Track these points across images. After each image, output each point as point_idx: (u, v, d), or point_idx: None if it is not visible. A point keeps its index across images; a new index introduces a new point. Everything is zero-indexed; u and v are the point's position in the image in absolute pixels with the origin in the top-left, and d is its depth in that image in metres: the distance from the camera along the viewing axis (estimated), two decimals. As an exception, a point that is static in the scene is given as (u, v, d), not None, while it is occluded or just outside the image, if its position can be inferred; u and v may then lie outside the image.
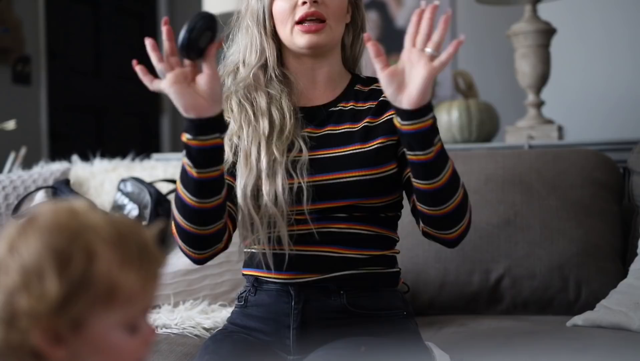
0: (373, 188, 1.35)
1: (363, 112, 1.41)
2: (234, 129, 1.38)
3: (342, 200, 1.34)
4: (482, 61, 3.98)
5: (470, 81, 2.56)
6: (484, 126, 2.45)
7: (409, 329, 1.38)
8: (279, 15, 1.39)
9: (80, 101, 4.30)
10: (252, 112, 1.38)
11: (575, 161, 1.95)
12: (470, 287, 1.86)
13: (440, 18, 1.22)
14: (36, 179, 2.19)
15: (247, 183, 1.33)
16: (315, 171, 1.35)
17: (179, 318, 1.71)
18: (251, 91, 1.40)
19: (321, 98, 1.44)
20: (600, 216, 1.88)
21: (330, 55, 1.43)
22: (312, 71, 1.43)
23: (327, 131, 1.40)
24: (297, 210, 1.33)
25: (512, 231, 1.87)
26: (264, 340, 1.36)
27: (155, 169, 2.28)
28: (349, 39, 1.47)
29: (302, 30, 1.37)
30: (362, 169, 1.35)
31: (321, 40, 1.37)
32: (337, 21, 1.40)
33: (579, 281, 1.82)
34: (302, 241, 1.34)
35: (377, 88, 1.43)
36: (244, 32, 1.43)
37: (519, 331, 1.58)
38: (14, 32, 3.72)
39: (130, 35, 4.67)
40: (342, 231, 1.35)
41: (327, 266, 1.34)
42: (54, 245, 0.73)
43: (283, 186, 1.32)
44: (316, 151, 1.37)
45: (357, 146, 1.37)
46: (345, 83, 1.46)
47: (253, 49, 1.41)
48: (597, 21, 3.06)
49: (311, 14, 1.36)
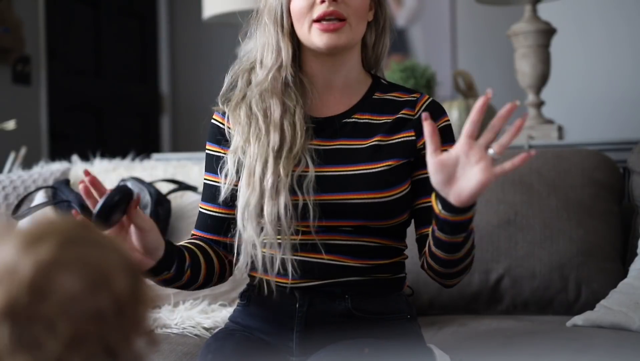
0: (381, 211, 1.32)
1: (378, 127, 1.36)
2: (239, 143, 1.34)
3: (348, 220, 1.32)
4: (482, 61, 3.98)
5: (470, 81, 2.56)
6: (484, 126, 2.45)
7: (413, 332, 1.37)
8: (296, 13, 1.33)
9: (80, 101, 4.29)
10: (264, 124, 1.33)
11: (575, 161, 1.95)
12: (470, 287, 1.86)
13: (511, 121, 1.14)
14: (36, 179, 2.19)
15: (250, 203, 1.30)
16: (321, 190, 1.31)
17: (179, 318, 1.71)
18: (267, 97, 1.35)
19: (336, 106, 1.38)
20: (600, 216, 1.88)
21: (350, 55, 1.37)
22: (329, 74, 1.37)
23: (338, 145, 1.35)
24: (303, 225, 1.31)
25: (512, 231, 1.87)
26: (266, 339, 1.35)
27: (155, 169, 2.28)
28: (371, 39, 1.40)
29: (321, 29, 1.31)
30: (370, 191, 1.31)
31: (341, 40, 1.32)
32: (358, 20, 1.34)
33: (579, 281, 1.82)
34: (307, 249, 1.32)
35: (397, 99, 1.39)
36: (262, 30, 1.38)
37: (519, 331, 1.58)
38: (14, 32, 3.72)
39: (130, 35, 4.67)
40: (348, 243, 1.33)
41: (333, 273, 1.33)
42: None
43: (286, 205, 1.28)
44: (324, 167, 1.33)
45: (366, 166, 1.33)
46: (364, 90, 1.40)
47: (269, 48, 1.36)
48: (597, 21, 3.06)
49: (330, 13, 1.30)
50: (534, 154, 1.10)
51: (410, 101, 1.38)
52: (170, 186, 2.16)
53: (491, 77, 3.77)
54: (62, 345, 0.65)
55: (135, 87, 4.70)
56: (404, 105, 1.38)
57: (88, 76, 4.37)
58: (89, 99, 4.36)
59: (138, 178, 2.11)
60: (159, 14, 4.83)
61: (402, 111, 1.37)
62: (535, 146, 2.24)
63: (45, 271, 0.65)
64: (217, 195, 1.37)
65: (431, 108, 1.37)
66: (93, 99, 4.38)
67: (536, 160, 1.96)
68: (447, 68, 4.00)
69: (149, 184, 2.07)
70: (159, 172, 2.25)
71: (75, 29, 4.29)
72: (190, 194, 2.14)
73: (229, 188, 1.34)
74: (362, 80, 1.41)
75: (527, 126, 2.42)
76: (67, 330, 0.65)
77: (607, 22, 3.04)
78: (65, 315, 0.65)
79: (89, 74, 4.38)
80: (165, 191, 2.10)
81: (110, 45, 4.48)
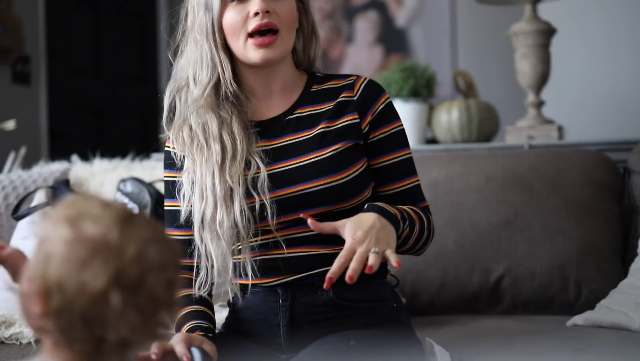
0: (340, 194, 1.34)
1: (320, 116, 1.40)
2: (189, 163, 1.37)
3: (310, 210, 1.34)
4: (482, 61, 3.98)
5: (470, 81, 2.56)
6: (484, 126, 2.45)
7: (400, 320, 1.38)
8: (229, 28, 1.36)
9: (80, 101, 4.29)
10: (204, 138, 1.36)
11: (575, 161, 1.95)
12: (470, 287, 1.86)
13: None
14: (36, 179, 2.19)
15: (205, 214, 1.33)
16: (276, 186, 1.34)
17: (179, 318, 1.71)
18: (202, 113, 1.37)
19: (277, 107, 1.42)
20: (600, 216, 1.88)
21: (283, 63, 1.40)
22: (266, 81, 1.41)
23: (285, 142, 1.38)
24: (263, 225, 1.33)
25: (512, 231, 1.87)
26: (257, 341, 1.36)
27: (155, 169, 2.28)
28: (299, 44, 1.44)
29: (255, 44, 1.34)
30: (323, 177, 1.33)
31: (275, 54, 1.35)
32: (289, 30, 1.38)
33: (579, 281, 1.82)
34: (274, 246, 1.34)
35: (334, 86, 1.42)
36: (193, 46, 1.39)
37: (519, 331, 1.58)
38: (14, 32, 3.72)
39: (130, 35, 4.67)
40: (314, 233, 1.33)
41: (308, 265, 1.35)
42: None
43: (242, 210, 1.31)
44: (274, 165, 1.36)
45: (314, 154, 1.35)
46: (302, 87, 1.44)
47: (204, 64, 1.37)
48: (598, 21, 3.05)
49: (264, 25, 1.33)
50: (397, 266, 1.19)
51: (348, 84, 1.42)
52: (170, 186, 2.15)
53: (491, 77, 3.77)
54: (157, 306, 0.83)
55: (135, 87, 4.69)
56: (342, 89, 1.41)
57: (88, 76, 4.37)
58: (89, 99, 4.35)
59: (138, 178, 2.11)
60: (158, 14, 4.83)
61: (342, 95, 1.40)
62: (535, 146, 2.24)
63: (144, 248, 0.82)
64: (179, 218, 1.39)
65: (368, 87, 1.41)
66: (93, 99, 4.38)
67: (536, 160, 1.96)
68: (447, 68, 3.99)
69: (149, 184, 2.07)
70: (158, 172, 2.25)
71: (75, 28, 4.29)
72: (190, 194, 2.13)
73: (188, 208, 1.37)
74: (298, 79, 1.45)
75: (527, 125, 2.42)
76: (161, 294, 0.83)
77: (607, 22, 3.04)
78: (158, 282, 0.83)
79: (89, 74, 4.37)
80: (165, 191, 2.10)
81: (110, 45, 4.48)
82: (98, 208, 0.83)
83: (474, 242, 1.86)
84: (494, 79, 3.78)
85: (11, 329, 1.65)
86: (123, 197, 2.07)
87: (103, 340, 0.81)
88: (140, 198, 2.03)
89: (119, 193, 2.10)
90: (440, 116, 2.47)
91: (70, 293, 0.80)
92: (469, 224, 1.87)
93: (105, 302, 0.80)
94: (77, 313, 0.80)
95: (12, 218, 2.07)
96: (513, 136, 2.43)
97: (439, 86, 2.67)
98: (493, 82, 3.73)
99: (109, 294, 0.80)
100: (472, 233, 1.87)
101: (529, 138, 2.35)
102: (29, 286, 0.83)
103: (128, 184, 2.09)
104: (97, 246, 0.81)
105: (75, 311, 0.80)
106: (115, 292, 0.80)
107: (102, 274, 0.80)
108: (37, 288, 0.81)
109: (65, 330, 0.81)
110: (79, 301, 0.80)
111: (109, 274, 0.80)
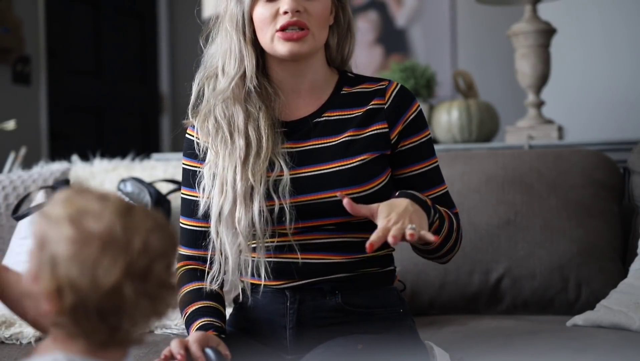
0: None
1: (349, 122, 1.37)
2: (211, 155, 1.36)
3: (327, 219, 1.33)
4: (482, 61, 3.98)
5: (470, 81, 2.56)
6: (484, 126, 2.45)
7: (406, 326, 1.38)
8: (259, 22, 1.34)
9: (80, 101, 4.29)
10: (229, 132, 1.34)
11: (575, 161, 1.95)
12: (470, 287, 1.86)
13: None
14: (36, 179, 2.19)
15: (223, 210, 1.32)
16: (297, 192, 1.32)
17: (179, 318, 1.71)
18: (229, 105, 1.35)
19: (306, 108, 1.39)
20: (600, 216, 1.88)
21: (314, 59, 1.38)
22: (295, 78, 1.38)
23: (311, 145, 1.36)
24: (280, 228, 1.32)
25: (513, 231, 1.87)
26: (262, 341, 1.36)
27: (155, 169, 2.28)
28: (333, 41, 1.41)
29: (283, 38, 1.32)
30: (346, 188, 1.31)
31: (303, 48, 1.32)
32: (320, 28, 1.35)
33: (579, 281, 1.82)
34: (289, 250, 1.33)
35: (365, 90, 1.39)
36: (223, 36, 1.37)
37: (519, 331, 1.58)
38: (14, 32, 3.72)
39: (130, 35, 4.67)
40: (332, 240, 1.33)
41: (320, 271, 1.34)
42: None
43: (261, 211, 1.30)
44: (298, 169, 1.34)
45: (340, 163, 1.33)
46: (331, 88, 1.41)
47: (232, 56, 1.36)
48: (597, 21, 3.05)
49: (293, 23, 1.31)
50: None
51: (379, 90, 1.39)
52: (170, 186, 2.15)
53: (491, 77, 3.77)
54: (163, 289, 0.87)
55: (135, 87, 4.69)
56: (373, 95, 1.39)
57: (88, 76, 4.37)
58: (89, 99, 4.36)
59: (138, 178, 2.11)
60: (158, 14, 4.83)
61: (372, 102, 1.38)
62: (535, 146, 2.24)
63: (147, 238, 0.85)
64: (195, 210, 1.38)
65: (399, 95, 1.38)
66: (93, 99, 4.38)
67: (536, 160, 1.96)
68: (447, 68, 3.99)
69: (149, 184, 2.07)
70: (158, 172, 2.25)
71: (75, 28, 4.29)
72: (190, 194, 2.13)
73: (207, 202, 1.35)
74: (329, 78, 1.42)
75: (527, 126, 2.42)
76: (165, 278, 0.87)
77: (607, 22, 3.04)
78: (162, 268, 0.86)
79: (89, 74, 4.37)
80: (165, 191, 2.10)
81: (110, 45, 4.48)
82: (96, 203, 0.85)
83: (474, 242, 1.86)
84: (494, 79, 3.78)
85: (11, 329, 1.65)
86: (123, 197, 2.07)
87: (118, 328, 0.85)
88: (140, 198, 2.03)
89: (119, 193, 2.10)
90: (440, 116, 2.47)
91: (84, 291, 0.82)
92: (469, 224, 1.87)
93: (119, 295, 0.83)
94: (92, 307, 0.82)
95: (12, 218, 2.07)
96: (513, 136, 2.43)
97: (439, 86, 2.67)
98: (493, 82, 3.73)
99: (122, 287, 0.83)
100: (472, 233, 1.87)
101: (529, 138, 2.35)
102: (35, 286, 0.84)
103: (128, 184, 2.09)
104: (104, 243, 0.83)
105: (90, 306, 0.82)
106: (127, 284, 0.83)
107: (113, 270, 0.82)
108: (47, 288, 0.82)
109: (81, 323, 0.84)
110: (93, 297, 0.82)
111: (120, 269, 0.83)
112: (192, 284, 1.38)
